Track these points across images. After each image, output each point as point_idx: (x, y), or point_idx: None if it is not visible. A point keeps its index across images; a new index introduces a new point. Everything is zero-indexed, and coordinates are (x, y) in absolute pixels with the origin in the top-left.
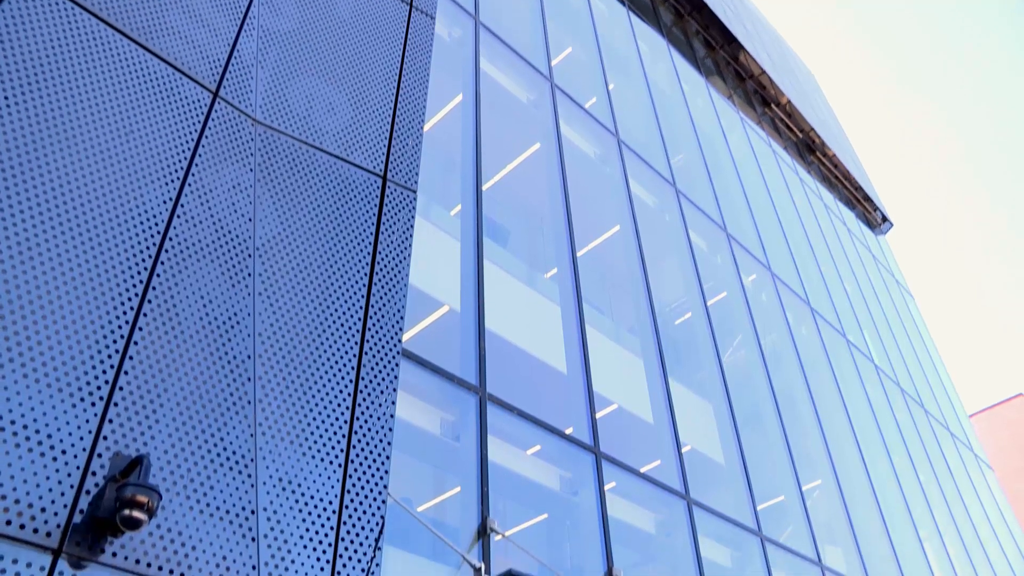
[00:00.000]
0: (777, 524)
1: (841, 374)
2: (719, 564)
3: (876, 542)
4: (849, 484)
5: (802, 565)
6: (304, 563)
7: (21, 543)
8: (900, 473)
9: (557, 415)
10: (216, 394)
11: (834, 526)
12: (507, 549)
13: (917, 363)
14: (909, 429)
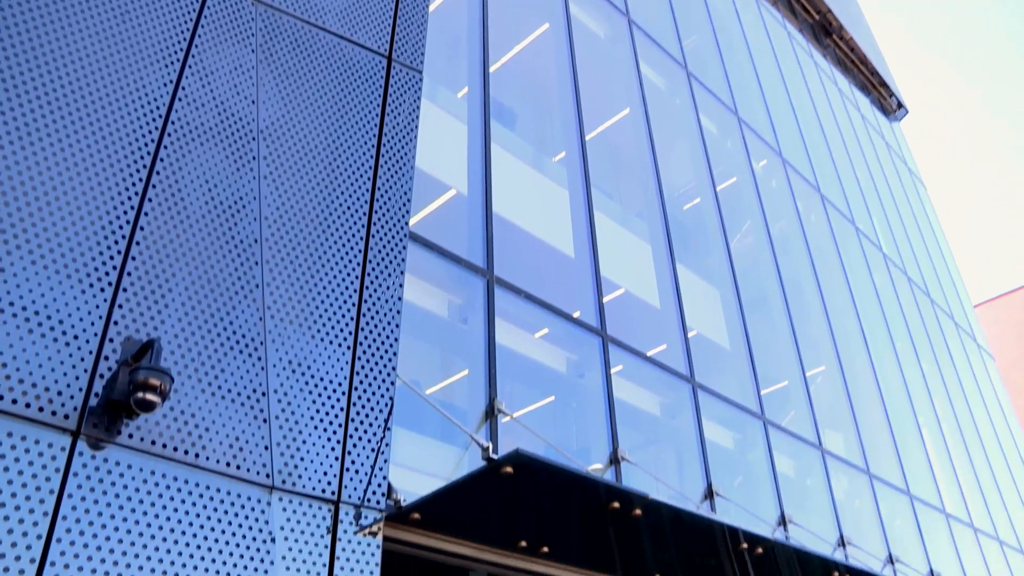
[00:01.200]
0: (780, 408)
1: (848, 261)
2: (722, 446)
3: (876, 428)
4: (852, 370)
5: (803, 448)
6: (315, 443)
7: (41, 425)
8: (903, 361)
9: (564, 299)
10: (224, 278)
11: (836, 411)
12: (514, 430)
13: (925, 252)
14: (914, 317)
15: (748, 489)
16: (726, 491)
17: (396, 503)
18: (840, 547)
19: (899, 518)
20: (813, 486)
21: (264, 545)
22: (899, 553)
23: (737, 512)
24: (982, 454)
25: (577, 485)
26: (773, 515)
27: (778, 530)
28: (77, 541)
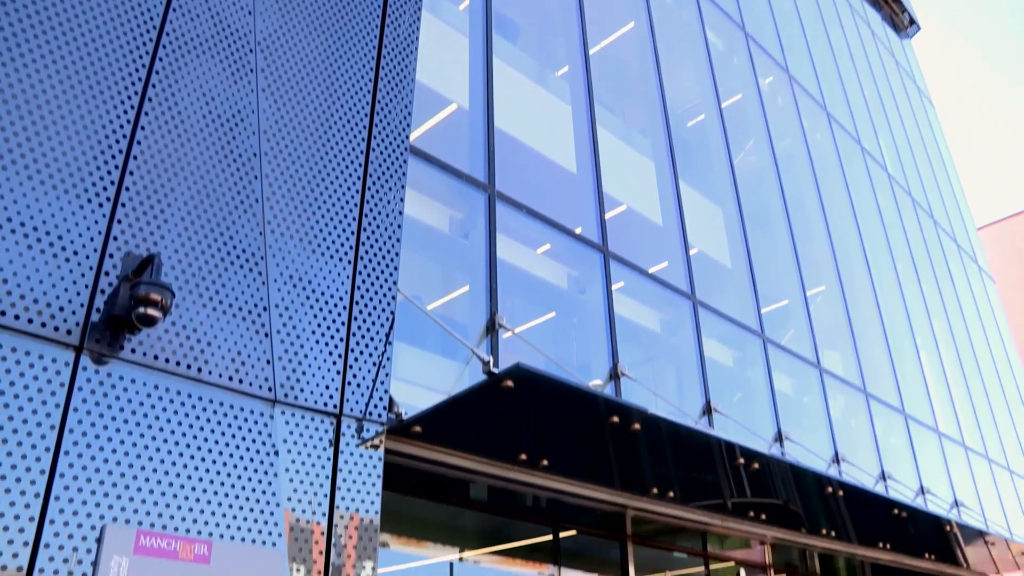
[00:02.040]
0: (780, 327)
1: (853, 181)
2: (721, 363)
3: (874, 348)
4: (852, 290)
5: (801, 367)
6: (317, 357)
7: (44, 340)
8: (903, 281)
9: (566, 214)
10: (223, 193)
11: (835, 331)
12: (515, 345)
13: (931, 173)
14: (916, 238)
15: (746, 406)
16: (724, 408)
17: (397, 416)
18: (835, 463)
19: (893, 436)
20: (810, 404)
21: (267, 458)
22: (891, 470)
23: (735, 428)
24: (977, 375)
25: (577, 399)
26: (770, 432)
27: (774, 446)
28: (84, 454)
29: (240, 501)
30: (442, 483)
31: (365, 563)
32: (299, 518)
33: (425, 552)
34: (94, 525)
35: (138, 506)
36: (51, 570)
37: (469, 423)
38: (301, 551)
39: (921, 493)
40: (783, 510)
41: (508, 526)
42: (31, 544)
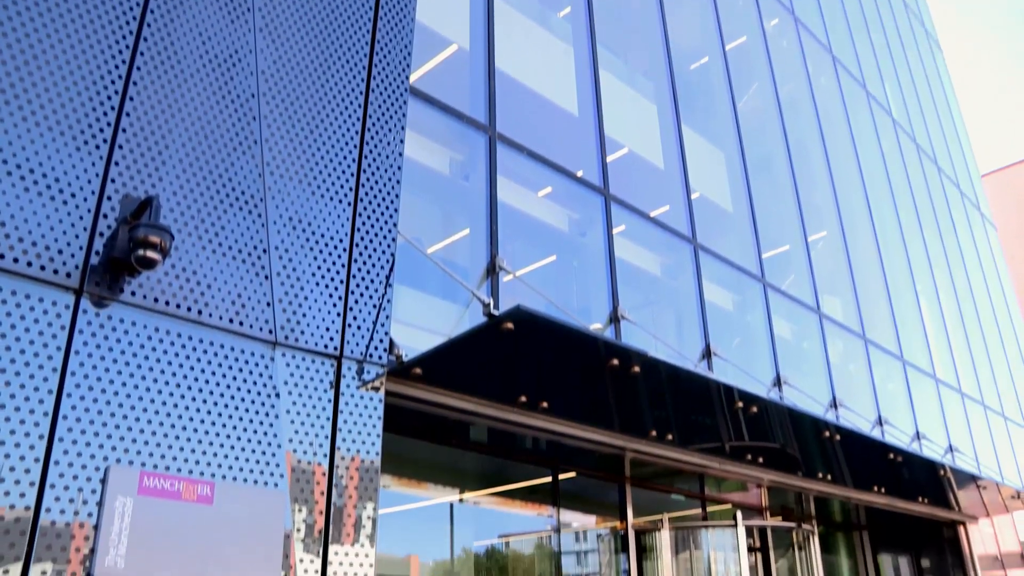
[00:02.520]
0: (780, 272)
1: (857, 126)
2: (721, 307)
3: (874, 294)
4: (854, 236)
5: (801, 312)
6: (317, 299)
7: (44, 283)
8: (905, 228)
9: (567, 157)
10: (221, 135)
11: (835, 277)
12: (515, 289)
13: (936, 119)
14: (919, 185)
15: (745, 350)
16: (724, 352)
17: (398, 358)
18: (832, 408)
19: (891, 382)
20: (809, 349)
21: (268, 400)
22: (888, 415)
23: (734, 372)
24: (976, 322)
25: (577, 341)
26: (769, 376)
27: (773, 390)
28: (87, 396)
29: (242, 442)
30: (442, 425)
31: (366, 504)
32: (300, 459)
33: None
34: (98, 466)
35: (141, 448)
36: (57, 510)
37: (469, 365)
38: (303, 492)
39: (917, 438)
40: (780, 454)
41: (508, 468)
42: (37, 485)
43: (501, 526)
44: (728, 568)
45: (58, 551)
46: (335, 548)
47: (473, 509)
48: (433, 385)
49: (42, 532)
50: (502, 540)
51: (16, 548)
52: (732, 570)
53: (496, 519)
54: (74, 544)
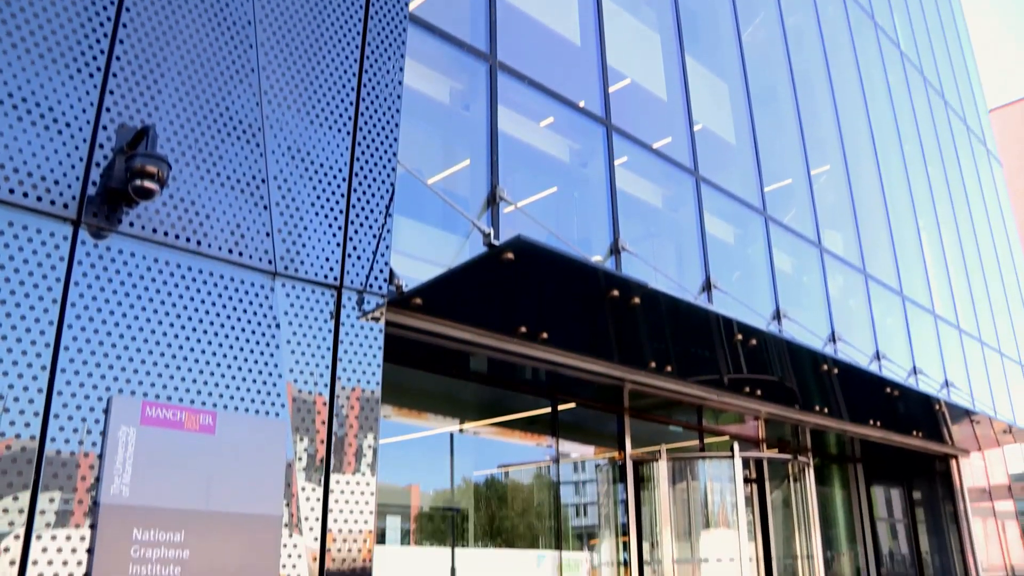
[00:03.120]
0: (782, 206)
1: (864, 58)
2: (722, 240)
3: (876, 229)
4: (857, 171)
5: (802, 246)
6: (317, 228)
7: (41, 214)
8: (909, 162)
9: (569, 87)
10: (218, 62)
11: (837, 211)
12: (516, 221)
13: (945, 52)
14: (925, 118)
15: (745, 284)
16: (724, 285)
17: (398, 288)
18: (831, 342)
19: (889, 317)
20: (809, 283)
21: (269, 330)
22: (886, 350)
23: (734, 305)
24: (976, 258)
25: (577, 272)
26: (768, 309)
27: (772, 324)
28: (87, 327)
29: (243, 373)
30: (443, 355)
31: (367, 434)
32: (301, 389)
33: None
34: (100, 396)
35: (143, 378)
36: (62, 439)
37: (469, 295)
38: (304, 421)
39: (913, 373)
40: (778, 386)
41: (508, 398)
42: (41, 415)
43: (501, 456)
44: (724, 499)
45: (64, 480)
46: (336, 477)
47: (473, 439)
48: (433, 315)
49: (48, 462)
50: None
51: (24, 476)
52: (728, 500)
53: (496, 449)
54: (80, 473)
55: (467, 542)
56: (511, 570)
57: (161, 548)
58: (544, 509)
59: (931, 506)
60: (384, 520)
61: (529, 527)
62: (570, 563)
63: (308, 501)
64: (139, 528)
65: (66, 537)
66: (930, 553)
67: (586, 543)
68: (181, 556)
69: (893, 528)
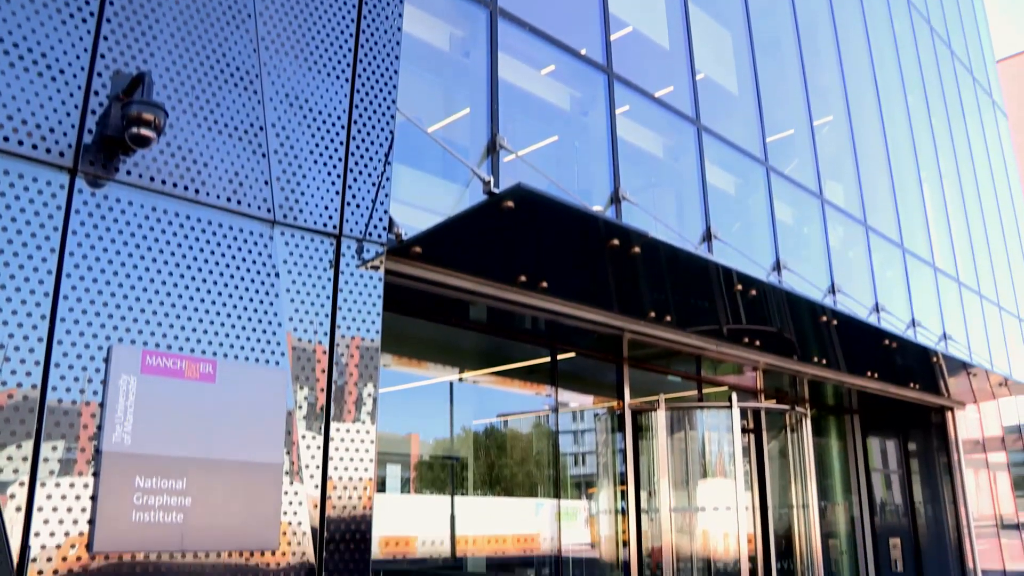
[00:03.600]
0: (784, 156)
1: (870, 6)
2: (723, 190)
3: (877, 180)
4: (860, 122)
5: (803, 196)
6: (316, 177)
7: (36, 163)
8: (913, 113)
9: (571, 34)
10: (214, 8)
11: (839, 163)
12: (516, 170)
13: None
14: (930, 69)
15: (746, 234)
16: (724, 235)
17: (397, 237)
18: (830, 294)
19: (889, 269)
20: (810, 235)
21: (268, 279)
22: (885, 302)
23: (734, 255)
24: (978, 211)
25: (577, 221)
26: (768, 260)
27: (772, 275)
28: (86, 276)
29: (243, 321)
30: (442, 304)
31: (367, 382)
32: (301, 338)
33: (426, 373)
34: (101, 345)
35: (143, 327)
36: (63, 388)
37: (469, 244)
38: (304, 370)
39: (912, 325)
40: (777, 337)
41: (507, 347)
42: (42, 363)
43: (500, 405)
44: (721, 448)
45: (67, 428)
46: (336, 425)
47: (472, 388)
48: (433, 264)
49: (50, 410)
50: (501, 419)
51: (26, 425)
52: (725, 450)
53: (495, 398)
54: (81, 421)
55: (466, 490)
56: (510, 518)
57: (163, 495)
58: (543, 458)
59: (926, 457)
60: (384, 468)
61: (528, 476)
62: (568, 511)
63: (309, 449)
64: (141, 476)
65: (69, 484)
66: (923, 503)
67: (584, 492)
68: (183, 503)
69: (888, 479)
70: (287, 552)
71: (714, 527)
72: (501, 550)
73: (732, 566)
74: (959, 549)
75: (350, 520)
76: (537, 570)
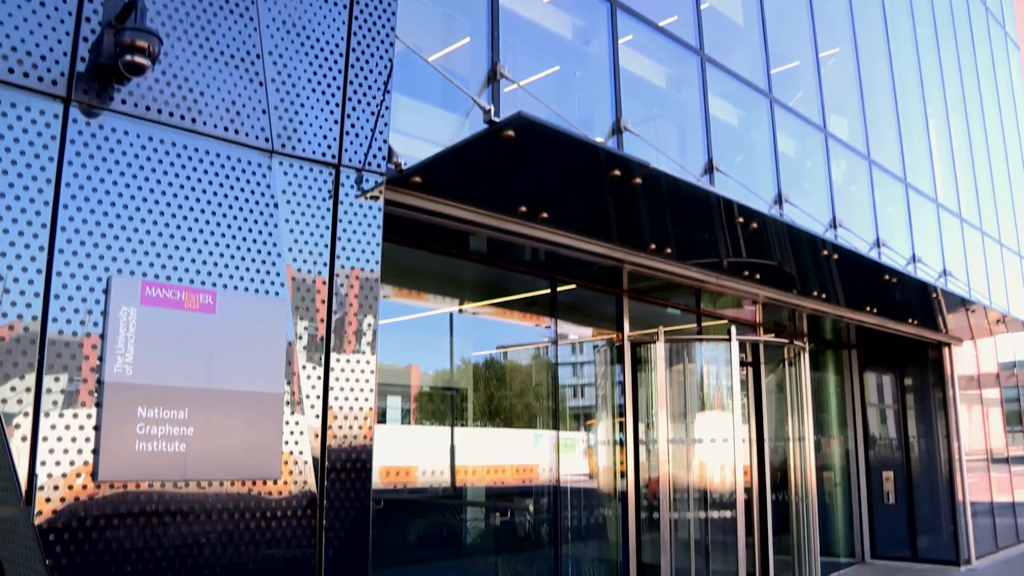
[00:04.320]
0: (788, 88)
1: None
2: (726, 122)
3: (883, 115)
4: (867, 54)
5: (807, 130)
6: (314, 106)
7: (29, 91)
8: (921, 46)
9: None
10: None
11: (844, 96)
12: (517, 100)
13: None
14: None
15: (748, 167)
16: (727, 168)
17: (397, 166)
18: (831, 228)
19: (892, 204)
20: (812, 168)
21: (267, 209)
22: (886, 237)
23: (736, 188)
24: (984, 146)
25: (578, 151)
26: (770, 193)
27: (774, 208)
28: (84, 207)
29: (242, 252)
30: (442, 235)
31: (367, 313)
32: (300, 269)
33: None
34: (100, 277)
35: (141, 258)
36: (64, 319)
37: (469, 174)
38: (304, 300)
39: (913, 261)
40: (777, 271)
41: (507, 279)
42: (42, 295)
43: (500, 337)
44: (720, 381)
45: (68, 359)
46: (336, 356)
47: (472, 320)
48: (433, 194)
49: (51, 342)
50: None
51: (28, 356)
52: (724, 383)
53: (495, 330)
54: (83, 353)
55: (466, 422)
56: (509, 449)
57: (166, 425)
58: (542, 390)
59: (921, 393)
60: (385, 400)
61: (527, 407)
62: (567, 443)
63: (309, 379)
64: (143, 406)
65: (73, 415)
66: (917, 438)
67: (583, 424)
68: (185, 433)
69: (883, 413)
70: (289, 481)
71: (711, 459)
72: (500, 480)
73: (728, 497)
74: (950, 482)
75: (351, 450)
76: (536, 500)
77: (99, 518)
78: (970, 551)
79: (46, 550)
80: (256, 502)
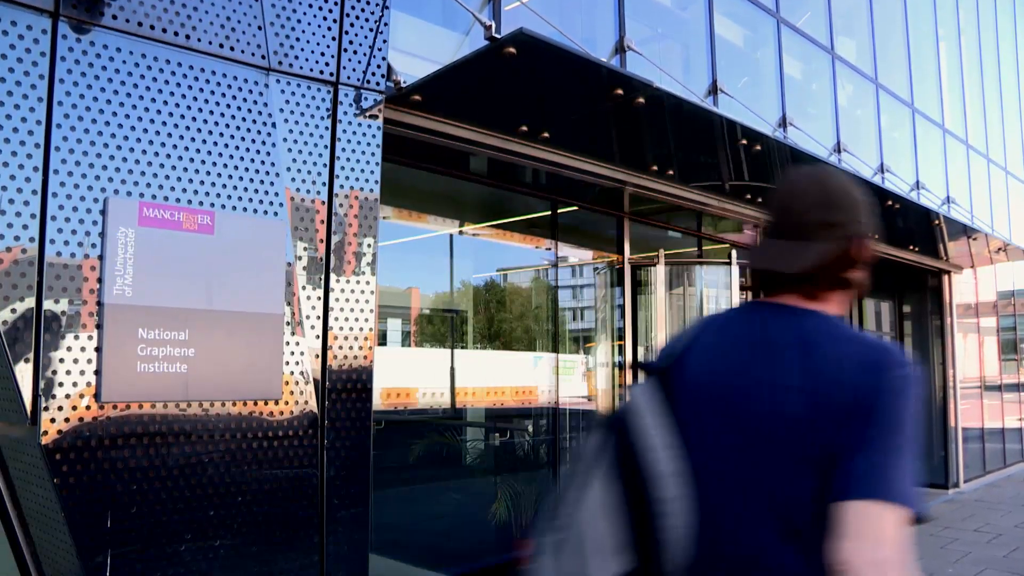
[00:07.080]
0: (795, 8)
1: None
2: (731, 43)
3: (892, 38)
4: None
5: (814, 52)
6: (311, 23)
7: (15, 4)
8: None
9: None
10: None
11: (853, 16)
12: (518, 18)
13: None
14: None
15: (753, 89)
16: (731, 89)
17: (396, 84)
18: (836, 152)
19: (897, 130)
20: (818, 91)
21: (264, 128)
22: (891, 163)
23: (740, 110)
24: (995, 72)
25: (581, 69)
26: (774, 116)
27: (778, 131)
28: (77, 126)
29: (239, 172)
30: (442, 155)
31: (366, 234)
32: (299, 188)
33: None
34: (96, 198)
35: (138, 178)
36: (61, 241)
37: (470, 92)
38: (303, 221)
39: (916, 187)
40: None
41: (507, 200)
42: (38, 216)
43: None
44: (719, 305)
45: (67, 281)
46: (336, 277)
47: (472, 242)
48: (433, 113)
49: (49, 264)
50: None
51: (27, 278)
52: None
53: (495, 252)
54: (82, 274)
55: (466, 344)
56: (509, 371)
57: (166, 346)
58: (542, 312)
59: (919, 320)
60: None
61: (527, 330)
62: (566, 365)
63: (309, 300)
64: (144, 328)
65: (74, 337)
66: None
67: (582, 346)
68: (186, 354)
69: None
70: (290, 401)
71: None
72: (500, 402)
73: None
74: (943, 409)
75: (351, 371)
76: (535, 421)
77: (103, 438)
78: (959, 475)
79: (53, 469)
80: (258, 422)
